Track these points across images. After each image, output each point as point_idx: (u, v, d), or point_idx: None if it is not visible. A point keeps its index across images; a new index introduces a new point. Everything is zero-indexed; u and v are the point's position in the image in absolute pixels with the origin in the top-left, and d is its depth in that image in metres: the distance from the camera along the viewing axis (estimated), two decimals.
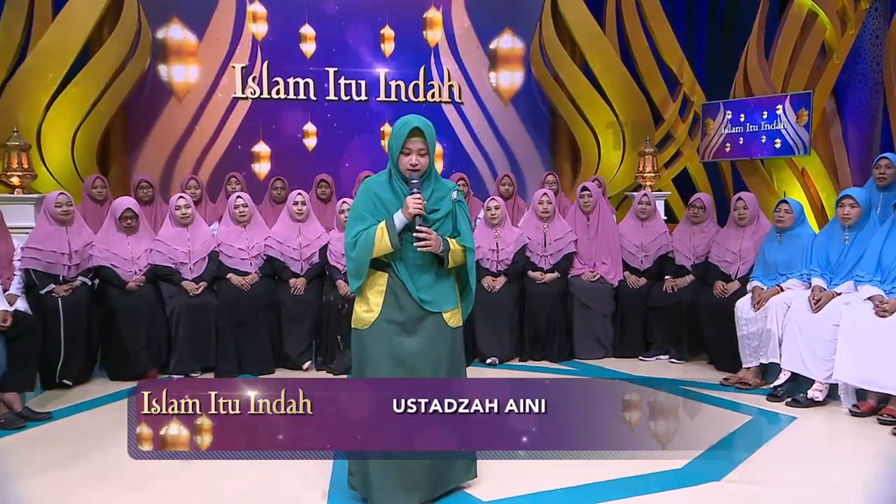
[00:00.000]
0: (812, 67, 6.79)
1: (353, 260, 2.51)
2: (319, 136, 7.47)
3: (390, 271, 2.54)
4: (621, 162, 7.37)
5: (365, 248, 2.47)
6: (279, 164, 7.34)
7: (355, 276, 2.55)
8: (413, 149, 2.45)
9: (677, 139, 7.42)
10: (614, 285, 5.10)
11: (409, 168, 2.46)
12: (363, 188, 2.57)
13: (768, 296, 4.22)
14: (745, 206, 4.69)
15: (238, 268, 4.73)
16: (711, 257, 4.85)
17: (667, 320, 4.91)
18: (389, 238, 2.45)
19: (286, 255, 4.80)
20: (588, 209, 5.23)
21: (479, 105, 7.81)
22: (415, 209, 2.43)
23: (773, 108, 6.13)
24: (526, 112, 7.87)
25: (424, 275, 2.53)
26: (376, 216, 2.50)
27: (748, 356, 4.28)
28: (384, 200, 2.52)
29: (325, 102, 7.49)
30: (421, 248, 2.47)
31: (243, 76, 7.30)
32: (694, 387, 4.30)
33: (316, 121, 7.47)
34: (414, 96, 7.65)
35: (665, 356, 4.98)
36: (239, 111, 7.36)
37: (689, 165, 7.52)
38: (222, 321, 4.52)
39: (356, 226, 2.51)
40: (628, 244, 5.20)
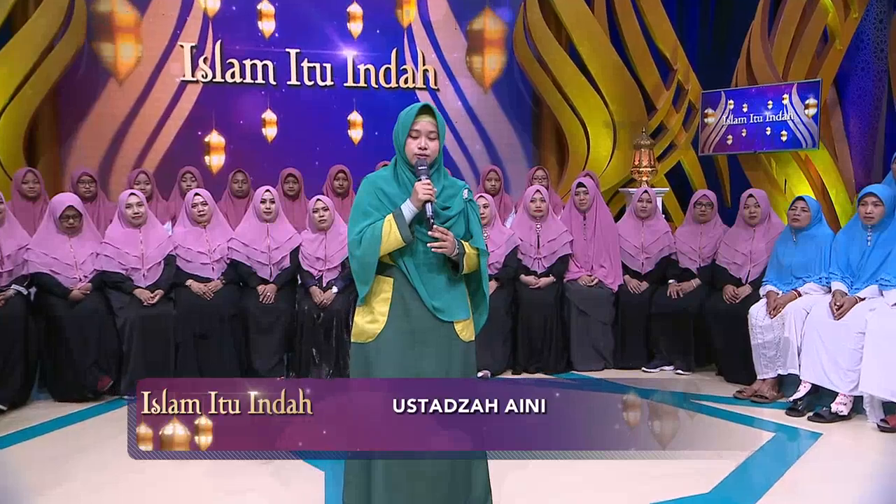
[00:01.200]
0: (813, 54, 6.94)
1: (359, 259, 2.44)
2: (280, 126, 7.34)
3: (397, 275, 2.47)
4: (612, 155, 7.42)
5: (372, 244, 2.40)
6: (235, 156, 7.19)
7: (362, 279, 2.47)
8: (422, 131, 2.42)
9: (671, 130, 7.50)
10: (614, 290, 5.11)
11: (418, 153, 2.41)
12: (365, 184, 2.51)
13: (785, 301, 4.26)
14: (756, 204, 4.74)
15: (198, 273, 4.63)
16: (719, 259, 4.89)
17: (672, 328, 4.94)
18: (399, 230, 2.39)
19: (253, 259, 4.70)
20: (584, 207, 5.23)
21: (457, 92, 7.77)
22: (424, 195, 2.37)
23: (780, 98, 6.23)
24: (508, 100, 7.87)
25: (436, 278, 2.48)
26: (382, 212, 2.44)
27: (763, 367, 4.33)
28: (390, 195, 2.46)
29: (285, 88, 7.37)
30: (436, 249, 2.41)
31: (193, 57, 7.12)
32: (706, 401, 4.32)
33: (276, 108, 7.34)
34: (385, 82, 7.57)
35: (670, 367, 5.00)
36: (188, 97, 7.17)
37: (683, 159, 7.61)
38: (181, 334, 4.43)
39: (360, 222, 2.44)
40: (628, 245, 5.21)
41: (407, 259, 2.45)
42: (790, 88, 6.19)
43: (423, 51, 7.63)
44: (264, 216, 4.76)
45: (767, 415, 4.07)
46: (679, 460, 2.60)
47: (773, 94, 6.30)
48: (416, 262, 2.46)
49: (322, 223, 4.77)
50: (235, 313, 4.54)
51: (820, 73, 6.90)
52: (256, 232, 4.75)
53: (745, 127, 6.47)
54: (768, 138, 6.33)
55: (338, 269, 4.80)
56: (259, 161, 7.07)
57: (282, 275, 4.73)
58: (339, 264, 4.80)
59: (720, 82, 7.01)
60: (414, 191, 2.40)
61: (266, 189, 4.82)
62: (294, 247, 4.79)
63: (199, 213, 4.68)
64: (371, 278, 2.45)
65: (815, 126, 6.04)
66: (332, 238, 4.80)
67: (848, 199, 6.45)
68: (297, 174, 5.81)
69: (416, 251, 2.46)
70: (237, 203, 5.65)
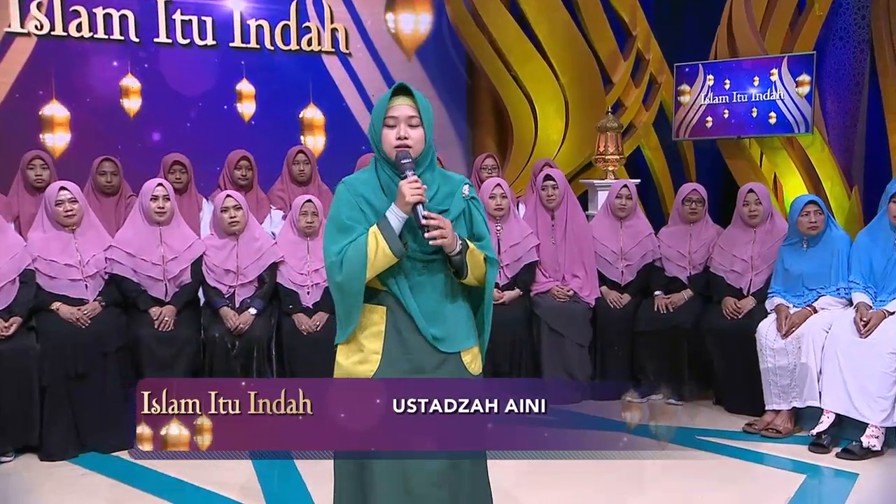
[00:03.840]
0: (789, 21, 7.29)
1: (342, 286, 2.38)
2: (146, 96, 6.99)
3: (389, 301, 2.44)
4: (564, 137, 7.53)
5: (356, 265, 2.36)
6: (84, 135, 6.80)
7: (347, 311, 2.43)
8: (399, 117, 2.38)
9: (628, 109, 7.69)
10: (591, 305, 5.19)
11: (397, 144, 2.37)
12: (342, 190, 2.46)
13: (799, 319, 4.45)
14: (757, 201, 4.92)
15: (67, 294, 4.39)
16: (714, 266, 5.06)
17: (661, 349, 5.06)
18: (388, 243, 2.35)
19: (142, 274, 4.52)
20: (553, 204, 5.28)
21: (374, 57, 7.68)
22: (413, 196, 2.33)
23: (767, 73, 6.50)
24: (437, 68, 7.84)
25: (431, 298, 2.46)
26: (366, 225, 2.40)
27: (775, 396, 4.50)
28: (374, 204, 2.42)
29: (152, 46, 7.03)
30: (433, 240, 2.35)
31: (23, 1, 6.67)
32: (710, 436, 4.46)
33: (140, 73, 6.99)
34: (283, 43, 7.39)
35: (658, 396, 5.12)
36: (16, 54, 6.67)
37: (642, 144, 7.82)
38: (49, 375, 4.22)
39: (339, 240, 2.39)
40: (604, 250, 5.30)
41: (400, 280, 2.43)
42: (779, 62, 6.46)
43: (332, 5, 7.49)
44: (156, 217, 4.55)
45: (785, 451, 4.24)
46: None
47: (759, 68, 6.56)
48: (411, 283, 2.44)
49: (233, 225, 4.62)
50: (122, 345, 4.37)
51: (798, 42, 7.24)
52: (145, 238, 4.55)
53: (728, 107, 6.70)
54: (754, 121, 6.60)
55: (253, 285, 4.69)
56: (119, 142, 6.73)
57: (181, 293, 4.57)
58: (255, 278, 4.69)
59: (696, 53, 7.25)
60: (399, 192, 2.35)
61: (158, 182, 4.61)
62: (195, 256, 4.63)
63: (66, 214, 4.41)
64: (358, 309, 2.42)
65: (808, 107, 6.34)
66: (246, 244, 4.68)
67: (845, 192, 6.81)
68: (186, 161, 5.55)
69: (410, 269, 2.44)
70: (104, 202, 5.33)
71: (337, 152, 7.34)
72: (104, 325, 4.34)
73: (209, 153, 6.51)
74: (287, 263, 4.75)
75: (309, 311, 4.72)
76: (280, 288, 4.73)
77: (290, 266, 4.75)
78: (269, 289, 4.69)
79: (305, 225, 4.78)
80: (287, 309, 4.71)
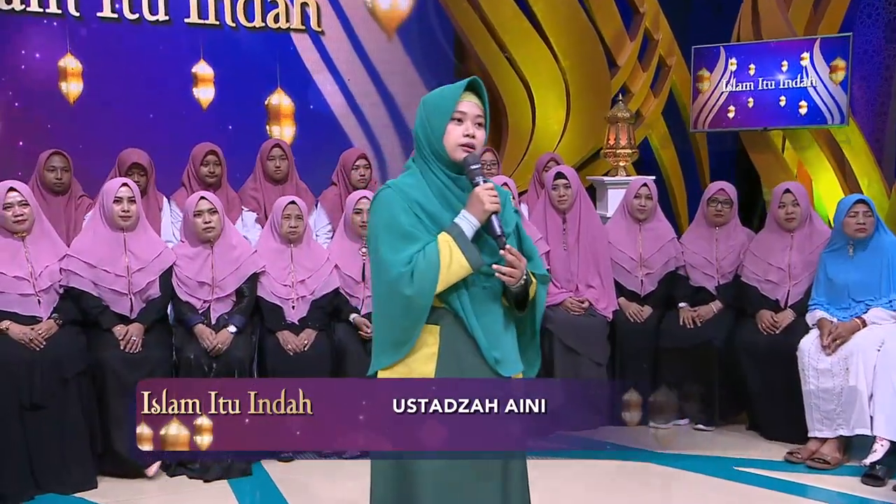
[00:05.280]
0: None
1: (411, 302, 2.38)
2: (88, 79, 6.86)
3: (446, 320, 2.46)
4: (565, 127, 7.54)
5: (428, 277, 2.37)
6: (15, 123, 6.68)
7: (404, 335, 2.43)
8: (468, 114, 2.44)
9: (635, 95, 7.73)
10: (608, 318, 5.19)
11: (464, 143, 2.42)
12: (391, 195, 2.45)
13: (846, 333, 4.49)
14: (794, 202, 4.96)
15: (17, 310, 4.30)
16: (745, 275, 5.09)
17: (687, 368, 5.09)
18: (465, 254, 2.38)
19: (104, 287, 4.46)
20: (565, 206, 5.27)
21: (349, 36, 7.61)
22: (492, 205, 2.39)
23: (797, 57, 6.53)
24: (420, 49, 7.80)
25: (493, 317, 2.51)
26: (425, 233, 2.43)
27: (818, 423, 4.52)
28: (429, 209, 2.45)
29: (95, 22, 6.91)
30: (506, 278, 2.41)
31: None
32: (749, 466, 4.49)
33: (81, 52, 6.85)
34: (247, 19, 7.29)
35: (684, 421, 5.15)
36: None
37: (650, 135, 7.86)
38: (0, 405, 4.12)
39: (403, 248, 2.40)
40: (622, 257, 5.32)
41: (462, 295, 2.45)
42: (811, 45, 6.50)
43: None
44: (120, 222, 4.47)
45: (834, 484, 4.26)
46: None
47: (788, 51, 6.58)
48: (473, 299, 2.46)
49: (208, 231, 4.57)
50: (83, 369, 4.31)
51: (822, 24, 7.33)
52: (106, 246, 4.47)
53: (752, 95, 6.74)
54: (783, 111, 6.63)
55: (231, 299, 4.66)
56: (56, 132, 6.62)
57: (149, 309, 4.53)
58: (232, 292, 4.65)
59: (711, 34, 7.29)
60: (476, 198, 2.41)
61: (122, 182, 4.52)
62: (165, 267, 4.58)
63: (15, 219, 4.31)
64: (420, 327, 2.43)
65: (843, 96, 6.39)
66: (222, 253, 4.64)
67: (883, 190, 6.89)
68: (146, 162, 5.41)
69: (473, 284, 2.46)
70: (52, 202, 5.20)
71: (307, 144, 7.26)
72: (61, 346, 4.26)
73: (162, 145, 6.37)
74: (269, 274, 4.71)
75: (295, 328, 4.68)
76: (262, 302, 4.70)
77: (272, 277, 4.72)
78: (250, 303, 4.66)
79: (289, 230, 4.73)
80: (270, 326, 4.67)
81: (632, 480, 4.43)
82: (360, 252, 4.85)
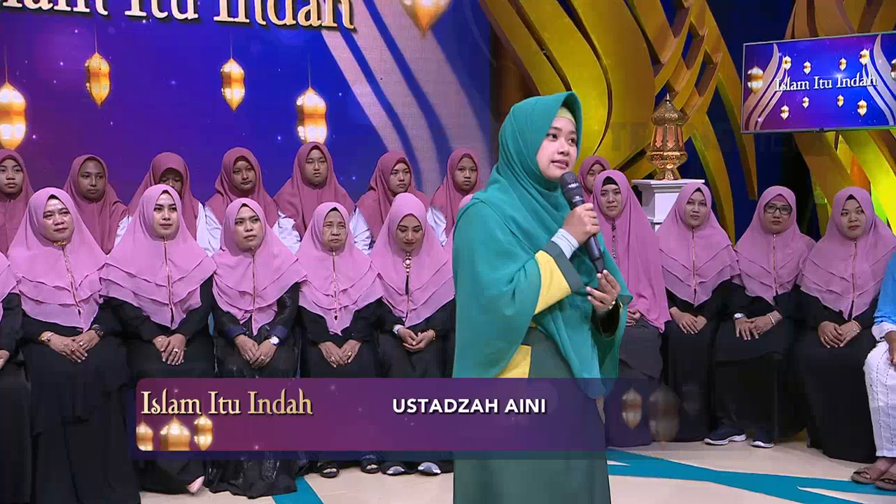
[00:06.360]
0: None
1: (512, 322, 2.41)
2: (116, 80, 6.94)
3: (538, 341, 2.49)
4: (606, 127, 7.56)
5: (530, 297, 2.41)
6: (43, 125, 6.77)
7: (499, 356, 2.45)
8: (563, 129, 2.48)
9: (679, 93, 7.75)
10: (660, 330, 5.23)
11: (559, 159, 2.47)
12: (485, 210, 2.48)
13: None
14: (858, 209, 4.96)
15: (58, 321, 4.39)
16: (805, 285, 5.10)
17: (745, 382, 5.12)
18: (565, 276, 2.43)
19: (144, 297, 4.52)
20: (614, 212, 5.31)
21: (382, 35, 7.68)
22: (593, 226, 2.46)
23: (856, 55, 6.48)
24: (456, 47, 7.86)
25: (584, 338, 2.55)
26: (521, 251, 2.47)
27: (887, 441, 4.52)
28: (525, 228, 2.48)
29: (123, 21, 7.01)
30: (599, 304, 2.46)
31: None
32: (815, 486, 4.50)
33: (108, 52, 6.93)
34: (277, 17, 7.38)
35: (742, 437, 5.19)
36: None
37: (695, 135, 7.88)
38: (43, 419, 4.21)
39: (503, 266, 2.42)
40: (674, 265, 5.35)
41: (556, 315, 2.47)
42: (871, 42, 6.45)
43: None
44: (160, 230, 4.54)
45: None
46: None
47: (847, 49, 6.55)
48: (566, 320, 2.50)
49: (249, 240, 4.63)
50: (126, 382, 4.36)
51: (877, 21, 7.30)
52: (147, 255, 4.54)
53: (808, 94, 6.72)
54: (840, 111, 6.59)
55: (273, 309, 4.71)
56: (84, 134, 6.71)
57: (190, 319, 4.60)
58: (274, 302, 4.70)
59: (761, 29, 7.29)
60: (577, 218, 2.45)
61: (163, 190, 4.59)
62: (206, 276, 4.64)
63: (56, 227, 4.39)
64: (516, 348, 2.45)
65: None
66: (264, 262, 4.70)
67: None
68: (181, 167, 5.48)
69: (567, 305, 2.49)
70: (86, 209, 5.27)
71: (340, 146, 7.31)
72: (103, 358, 4.33)
73: (191, 146, 6.47)
74: (311, 283, 4.77)
75: (338, 339, 4.74)
76: (304, 312, 4.76)
77: (313, 287, 4.77)
78: (292, 314, 4.72)
79: (331, 238, 4.79)
80: (313, 337, 4.74)
81: (691, 501, 4.45)
82: (405, 265, 4.90)
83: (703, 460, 4.91)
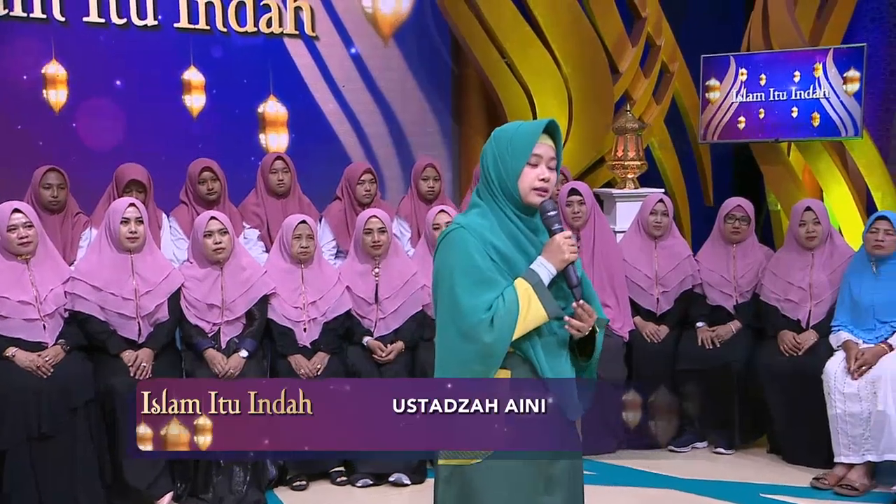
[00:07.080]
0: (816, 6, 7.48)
1: (490, 350, 2.44)
2: (73, 87, 6.86)
3: (516, 365, 2.52)
4: (567, 136, 7.60)
5: (507, 324, 2.44)
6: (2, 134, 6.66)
7: (481, 376, 2.48)
8: (544, 155, 2.51)
9: (637, 102, 7.82)
10: (624, 338, 5.29)
11: (539, 187, 2.50)
12: (465, 235, 2.49)
13: (872, 358, 4.60)
14: (815, 220, 5.06)
15: (22, 336, 4.34)
16: (765, 294, 5.19)
17: (706, 390, 5.19)
18: (543, 303, 2.46)
19: (110, 311, 4.49)
20: (579, 223, 5.35)
21: (344, 42, 7.64)
22: (573, 254, 2.50)
23: (810, 68, 6.63)
24: (417, 54, 7.84)
25: (562, 362, 2.58)
26: (503, 277, 2.49)
27: (845, 448, 4.62)
28: (504, 253, 2.50)
29: (80, 27, 6.90)
30: (575, 331, 2.51)
31: None
32: (775, 493, 4.58)
33: (66, 59, 6.85)
34: (238, 24, 7.29)
35: (703, 444, 5.26)
36: None
37: (652, 144, 7.95)
38: (8, 436, 4.18)
39: (481, 293, 2.45)
40: (637, 275, 5.42)
41: (534, 341, 2.51)
42: (824, 56, 6.60)
43: None
44: (127, 243, 4.50)
45: None
46: None
47: (800, 62, 6.69)
48: (544, 345, 2.53)
49: (218, 252, 4.60)
50: (92, 398, 4.34)
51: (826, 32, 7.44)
52: (113, 268, 4.51)
53: (763, 106, 6.85)
54: (795, 122, 6.73)
55: (241, 322, 4.69)
56: (41, 141, 6.64)
57: (157, 333, 4.57)
58: (242, 314, 4.68)
59: (721, 42, 7.39)
60: (555, 247, 2.49)
61: (130, 203, 4.55)
62: (173, 289, 4.61)
63: (20, 241, 4.34)
64: (494, 373, 2.48)
65: (857, 107, 6.49)
66: (233, 275, 4.68)
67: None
68: (144, 178, 5.42)
69: (545, 331, 2.52)
70: (48, 220, 5.19)
71: (302, 154, 7.28)
72: (69, 374, 4.29)
73: (152, 155, 6.40)
74: (279, 296, 4.75)
75: (307, 352, 4.74)
76: (273, 325, 4.74)
77: (282, 299, 4.76)
78: (261, 326, 4.71)
79: (300, 250, 4.78)
80: (281, 350, 4.73)
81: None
82: (373, 273, 4.91)
83: (667, 468, 4.96)
